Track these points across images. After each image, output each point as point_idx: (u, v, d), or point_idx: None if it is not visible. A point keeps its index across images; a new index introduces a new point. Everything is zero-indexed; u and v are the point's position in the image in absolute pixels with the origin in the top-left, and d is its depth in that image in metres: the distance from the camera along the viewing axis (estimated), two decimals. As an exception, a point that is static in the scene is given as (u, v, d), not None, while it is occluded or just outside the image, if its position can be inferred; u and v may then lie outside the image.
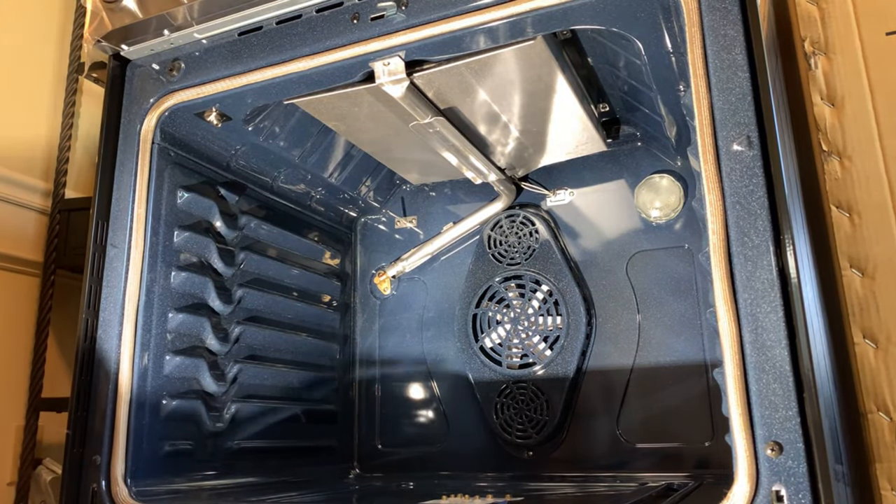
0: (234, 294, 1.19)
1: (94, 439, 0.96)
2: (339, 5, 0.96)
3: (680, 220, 1.23)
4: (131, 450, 0.94)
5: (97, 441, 0.96)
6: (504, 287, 1.31)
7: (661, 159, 1.26)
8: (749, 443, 0.66)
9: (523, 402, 1.24)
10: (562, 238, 1.31)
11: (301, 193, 1.38)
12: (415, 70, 0.95)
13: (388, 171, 1.40)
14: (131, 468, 0.94)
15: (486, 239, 1.34)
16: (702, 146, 0.74)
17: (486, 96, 1.03)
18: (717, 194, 0.72)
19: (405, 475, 1.36)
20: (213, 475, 1.04)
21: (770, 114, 0.72)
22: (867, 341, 0.86)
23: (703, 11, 0.77)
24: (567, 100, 1.05)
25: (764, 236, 0.69)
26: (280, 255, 1.32)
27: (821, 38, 0.95)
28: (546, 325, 1.26)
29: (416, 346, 1.41)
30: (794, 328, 0.67)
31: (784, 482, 0.64)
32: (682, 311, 1.20)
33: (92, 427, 0.97)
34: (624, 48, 0.96)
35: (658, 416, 1.18)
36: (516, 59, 0.93)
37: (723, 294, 0.70)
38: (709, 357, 1.16)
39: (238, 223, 1.21)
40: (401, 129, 1.11)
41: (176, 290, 1.06)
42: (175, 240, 1.07)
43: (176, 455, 1.01)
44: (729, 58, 0.75)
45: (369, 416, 1.42)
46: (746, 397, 0.67)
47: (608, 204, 1.30)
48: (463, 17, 0.88)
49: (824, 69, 0.94)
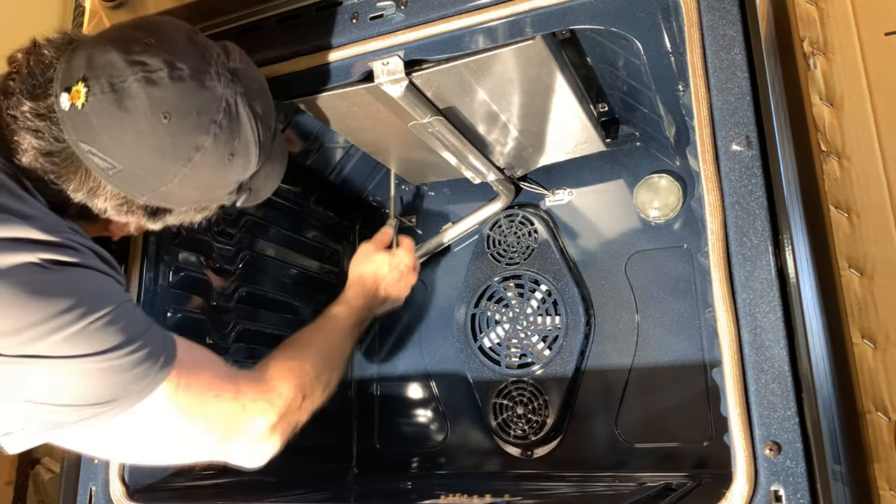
0: (234, 293, 1.19)
1: (92, 439, 0.96)
2: (338, 5, 0.96)
3: (679, 220, 1.23)
4: (130, 449, 0.94)
5: (95, 440, 0.95)
6: (503, 287, 1.31)
7: (660, 159, 1.26)
8: (747, 443, 0.66)
9: (522, 401, 1.24)
10: (561, 238, 1.31)
11: (300, 193, 1.38)
12: (414, 70, 0.95)
13: (387, 170, 1.40)
14: (130, 467, 0.94)
15: (485, 239, 1.34)
16: (701, 146, 0.74)
17: (486, 96, 1.03)
18: (716, 194, 0.72)
19: (403, 475, 1.36)
20: (212, 474, 1.04)
21: (769, 114, 0.72)
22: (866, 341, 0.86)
23: (702, 11, 0.77)
24: (566, 100, 1.05)
25: (763, 236, 0.69)
26: (279, 255, 1.32)
27: (820, 38, 0.95)
28: (545, 325, 1.26)
29: (415, 346, 1.41)
30: (792, 328, 0.67)
31: (782, 482, 0.64)
32: (681, 311, 1.20)
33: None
34: (623, 48, 0.96)
35: (657, 415, 1.18)
36: (515, 58, 0.93)
37: (721, 294, 0.70)
38: (707, 357, 1.16)
39: (237, 223, 1.21)
40: (400, 128, 1.11)
41: (175, 290, 1.06)
42: (174, 240, 1.07)
43: (174, 454, 1.01)
44: (728, 58, 0.75)
45: (368, 416, 1.42)
46: (745, 397, 0.67)
47: (607, 204, 1.30)
48: (462, 16, 0.88)
49: (823, 69, 0.94)
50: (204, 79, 0.74)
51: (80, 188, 0.74)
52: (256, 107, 0.79)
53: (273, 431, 0.82)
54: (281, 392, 0.84)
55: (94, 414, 0.68)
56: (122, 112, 0.70)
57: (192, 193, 0.78)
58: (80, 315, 0.65)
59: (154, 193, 0.76)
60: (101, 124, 0.70)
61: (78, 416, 0.67)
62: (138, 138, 0.71)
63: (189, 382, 0.74)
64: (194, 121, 0.73)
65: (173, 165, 0.74)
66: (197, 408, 0.75)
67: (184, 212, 0.83)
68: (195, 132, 0.73)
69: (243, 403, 0.79)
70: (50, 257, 0.66)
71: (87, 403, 0.67)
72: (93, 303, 0.67)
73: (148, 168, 0.73)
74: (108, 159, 0.72)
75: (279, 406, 0.83)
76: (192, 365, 0.76)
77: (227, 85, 0.76)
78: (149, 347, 0.71)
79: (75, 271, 0.68)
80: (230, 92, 0.76)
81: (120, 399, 0.68)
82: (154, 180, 0.74)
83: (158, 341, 0.73)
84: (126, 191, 0.75)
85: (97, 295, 0.69)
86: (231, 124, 0.76)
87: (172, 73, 0.72)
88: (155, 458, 0.81)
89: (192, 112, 0.73)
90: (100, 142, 0.71)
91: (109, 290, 0.71)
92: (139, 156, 0.72)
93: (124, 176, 0.73)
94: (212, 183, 0.79)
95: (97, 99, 0.70)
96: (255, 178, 0.85)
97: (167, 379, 0.72)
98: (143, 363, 0.70)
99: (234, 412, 0.79)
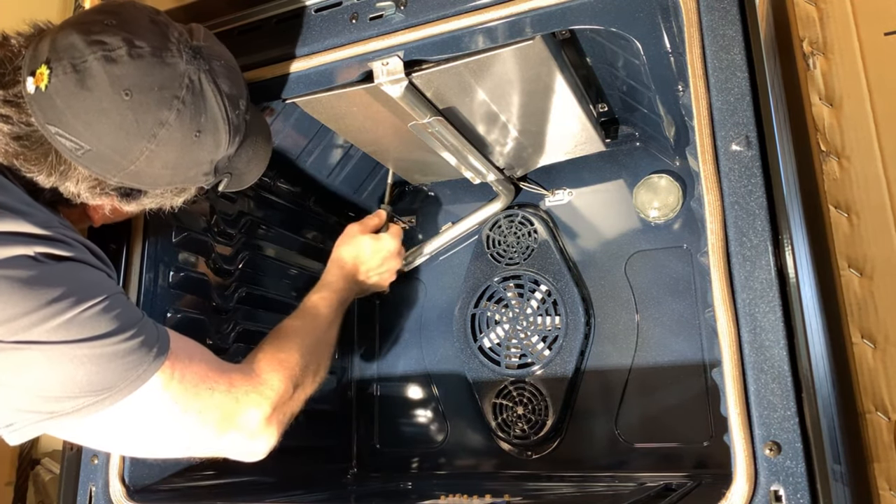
0: (234, 293, 1.19)
1: (92, 439, 0.96)
2: (337, 5, 0.96)
3: (678, 220, 1.23)
4: (129, 450, 0.94)
5: (95, 441, 0.95)
6: (503, 287, 1.31)
7: (659, 159, 1.26)
8: (747, 443, 0.66)
9: (522, 401, 1.24)
10: (560, 238, 1.31)
11: (300, 193, 1.38)
12: (413, 70, 0.95)
13: (387, 170, 1.40)
14: (129, 468, 0.94)
15: (485, 239, 1.34)
16: (700, 146, 0.74)
17: (485, 96, 1.03)
18: (716, 194, 0.72)
19: (403, 475, 1.36)
20: (212, 475, 1.04)
21: (769, 114, 0.72)
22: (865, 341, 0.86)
23: (701, 12, 0.77)
24: (566, 100, 1.05)
25: (762, 236, 0.69)
26: (279, 256, 1.32)
27: (819, 38, 0.95)
28: (545, 325, 1.26)
29: (415, 346, 1.41)
30: (792, 328, 0.67)
31: (782, 482, 0.64)
32: (681, 311, 1.20)
33: (90, 427, 0.97)
34: (623, 48, 0.96)
35: (656, 415, 1.19)
36: (515, 59, 0.93)
37: (721, 294, 0.70)
38: (707, 357, 1.16)
39: (237, 223, 1.21)
40: (399, 128, 1.11)
41: (175, 290, 1.06)
42: (174, 239, 1.07)
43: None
44: (727, 58, 0.75)
45: (368, 416, 1.42)
46: (745, 397, 0.67)
47: (607, 204, 1.30)
48: (462, 16, 0.88)
49: (823, 69, 0.94)
50: (165, 56, 0.74)
51: (53, 172, 0.75)
52: (223, 84, 0.79)
53: (268, 423, 0.83)
54: (272, 384, 0.85)
55: (91, 403, 0.69)
56: (84, 91, 0.71)
57: (162, 172, 0.78)
58: (73, 303, 0.68)
59: (124, 173, 0.76)
60: (64, 104, 0.71)
61: (75, 406, 0.69)
62: (101, 116, 0.72)
63: (183, 374, 0.76)
64: (156, 96, 0.73)
65: (138, 142, 0.74)
66: (192, 400, 0.76)
67: (160, 194, 0.83)
68: (158, 107, 0.73)
69: (237, 396, 0.81)
70: (44, 251, 0.69)
71: (83, 392, 0.68)
72: (86, 292, 0.69)
73: (114, 146, 0.73)
74: (75, 139, 0.72)
75: (271, 398, 0.84)
76: (186, 357, 0.77)
77: (190, 62, 0.76)
78: (142, 336, 0.72)
79: (69, 265, 0.70)
80: (193, 69, 0.76)
81: (115, 387, 0.70)
82: (121, 158, 0.74)
83: (151, 332, 0.74)
84: (96, 172, 0.75)
85: (90, 285, 0.71)
86: (195, 100, 0.76)
87: (132, 50, 0.72)
88: (152, 450, 0.82)
89: (153, 88, 0.73)
90: (65, 122, 0.72)
91: (102, 282, 0.73)
92: (104, 134, 0.72)
93: (92, 156, 0.73)
94: (182, 161, 0.78)
95: (59, 80, 0.71)
96: (235, 161, 0.86)
97: (161, 369, 0.73)
98: (137, 351, 0.71)
99: (229, 405, 0.80)
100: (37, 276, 0.67)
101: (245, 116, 0.84)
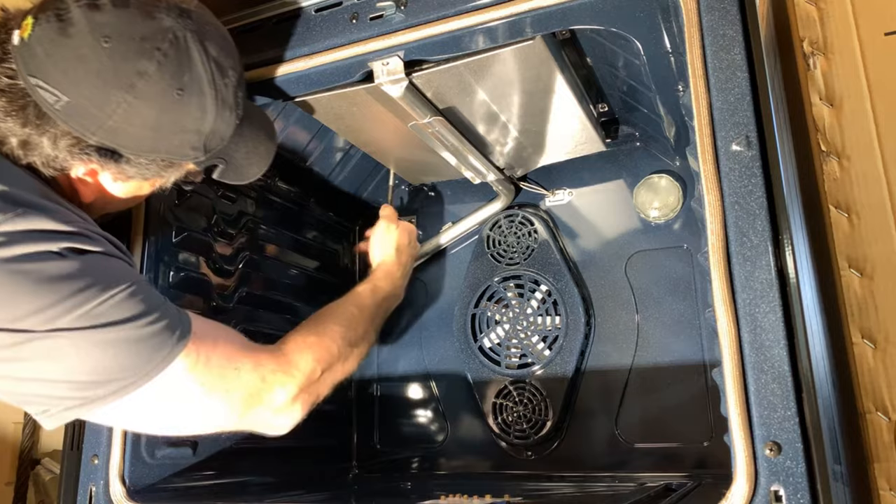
0: (234, 293, 1.19)
1: (92, 439, 0.96)
2: (337, 5, 0.96)
3: (679, 221, 1.23)
4: (130, 449, 0.94)
5: (95, 441, 0.96)
6: (503, 287, 1.31)
7: (659, 159, 1.26)
8: (748, 443, 0.66)
9: (522, 401, 1.24)
10: (560, 238, 1.31)
11: (300, 193, 1.38)
12: (414, 70, 0.95)
13: (387, 170, 1.40)
14: (130, 468, 0.94)
15: (485, 239, 1.34)
16: (700, 146, 0.74)
17: (485, 96, 1.03)
18: (716, 194, 0.72)
19: (403, 475, 1.36)
20: (212, 475, 1.04)
21: (769, 114, 0.72)
22: (866, 341, 0.86)
23: (701, 12, 0.77)
24: (566, 100, 1.05)
25: (763, 236, 0.69)
26: (279, 255, 1.32)
27: (819, 38, 0.95)
28: (545, 325, 1.26)
29: (415, 346, 1.41)
30: (792, 328, 0.67)
31: (782, 482, 0.64)
32: (681, 312, 1.20)
33: (90, 427, 0.97)
34: (623, 48, 0.96)
35: (657, 416, 1.18)
36: (515, 59, 0.93)
37: (721, 294, 0.70)
38: (707, 357, 1.16)
39: (237, 223, 1.21)
40: (400, 128, 1.11)
41: (175, 290, 1.06)
42: (174, 239, 1.07)
43: (175, 454, 1.01)
44: (728, 58, 0.75)
45: (368, 416, 1.42)
46: (745, 397, 0.67)
47: (607, 204, 1.30)
48: (462, 16, 0.88)
49: (823, 69, 0.94)
50: (151, 10, 0.74)
51: (28, 124, 0.74)
52: (210, 48, 0.77)
53: (294, 402, 0.85)
54: (299, 365, 0.86)
55: (120, 387, 0.71)
56: (64, 38, 0.71)
57: (143, 133, 0.75)
58: (98, 291, 0.70)
59: (103, 130, 0.74)
60: (44, 52, 0.71)
61: (106, 391, 0.71)
62: (79, 63, 0.71)
63: (209, 356, 0.77)
64: (137, 46, 0.72)
65: (116, 92, 0.72)
66: (217, 381, 0.78)
67: (144, 164, 0.79)
68: (137, 57, 0.72)
69: (263, 374, 0.82)
70: (68, 246, 0.70)
71: (111, 377, 0.71)
72: (110, 281, 0.71)
73: (91, 96, 0.72)
74: (54, 90, 0.72)
75: (298, 378, 0.85)
76: (210, 339, 0.79)
77: (176, 20, 0.75)
78: (166, 319, 0.74)
79: (92, 257, 0.72)
80: (178, 26, 0.75)
81: (141, 369, 0.72)
82: (98, 111, 0.73)
83: (174, 316, 0.76)
84: (74, 127, 0.73)
85: (114, 275, 0.73)
86: (179, 56, 0.75)
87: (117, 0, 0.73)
88: (179, 429, 0.83)
89: (134, 37, 0.72)
90: (44, 71, 0.71)
91: (125, 271, 0.75)
92: (81, 82, 0.72)
93: (71, 108, 0.72)
94: (162, 122, 0.75)
95: (42, 28, 0.71)
96: (232, 149, 0.84)
97: (185, 352, 0.75)
98: (161, 334, 0.73)
99: (254, 384, 0.81)
100: (63, 270, 0.69)
101: (237, 92, 0.82)
